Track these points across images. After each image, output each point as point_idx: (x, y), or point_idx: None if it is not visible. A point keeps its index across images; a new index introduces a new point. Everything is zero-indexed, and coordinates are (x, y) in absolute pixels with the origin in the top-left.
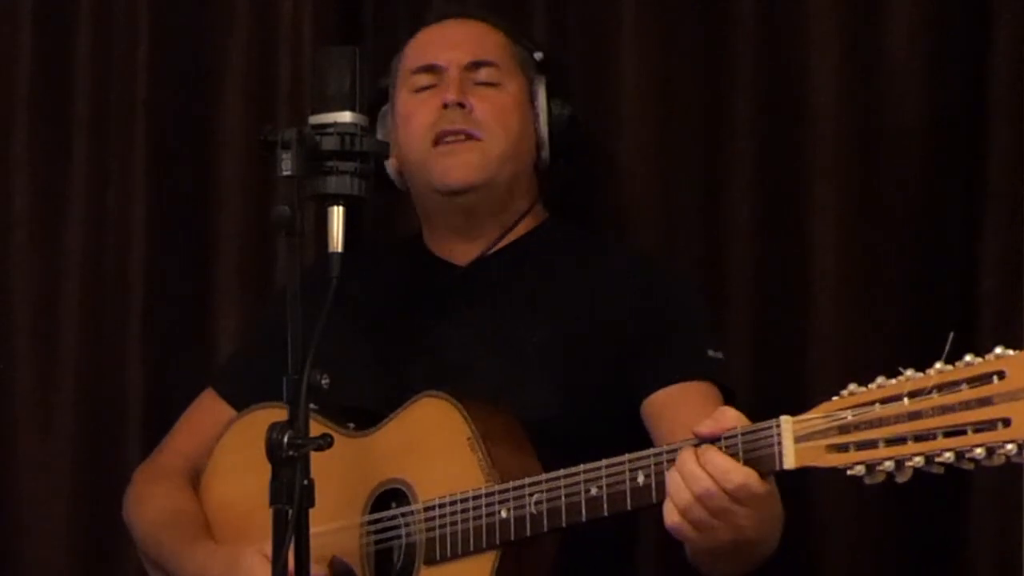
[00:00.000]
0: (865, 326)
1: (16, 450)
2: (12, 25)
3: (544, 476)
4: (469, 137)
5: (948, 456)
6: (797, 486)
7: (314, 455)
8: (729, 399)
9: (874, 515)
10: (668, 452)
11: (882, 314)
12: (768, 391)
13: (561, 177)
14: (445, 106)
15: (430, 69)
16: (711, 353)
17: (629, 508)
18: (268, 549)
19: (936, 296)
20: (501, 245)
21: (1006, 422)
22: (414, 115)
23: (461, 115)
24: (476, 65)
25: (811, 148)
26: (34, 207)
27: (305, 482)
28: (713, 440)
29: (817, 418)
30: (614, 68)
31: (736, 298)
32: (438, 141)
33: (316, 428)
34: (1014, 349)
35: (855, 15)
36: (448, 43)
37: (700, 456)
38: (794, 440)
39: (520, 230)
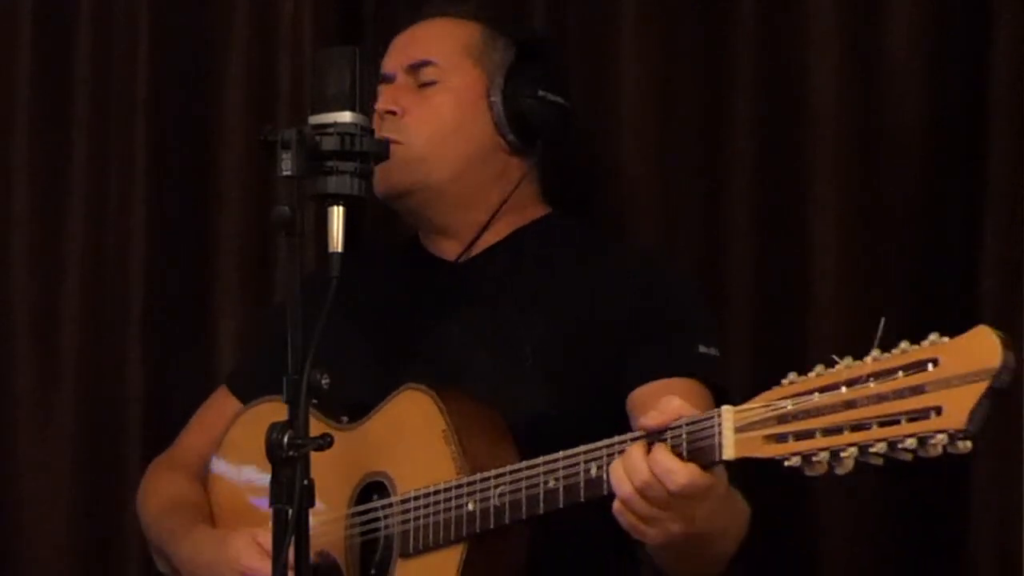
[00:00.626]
0: (865, 326)
1: (16, 450)
2: (12, 25)
3: (508, 468)
4: (394, 144)
5: (881, 447)
6: (794, 478)
7: None
8: (721, 396)
9: (873, 510)
10: (619, 444)
11: (882, 314)
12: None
13: (556, 162)
14: (380, 116)
15: (384, 80)
16: (702, 349)
17: (583, 500)
18: (260, 535)
19: (936, 296)
20: (494, 239)
21: (938, 411)
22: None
23: (389, 123)
24: (415, 67)
25: (811, 148)
26: (34, 207)
27: (305, 482)
28: (659, 432)
29: (757, 407)
30: (614, 68)
31: (736, 298)
32: None
33: (311, 424)
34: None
35: (855, 15)
36: (396, 50)
37: (649, 454)
38: (734, 430)
39: (513, 222)
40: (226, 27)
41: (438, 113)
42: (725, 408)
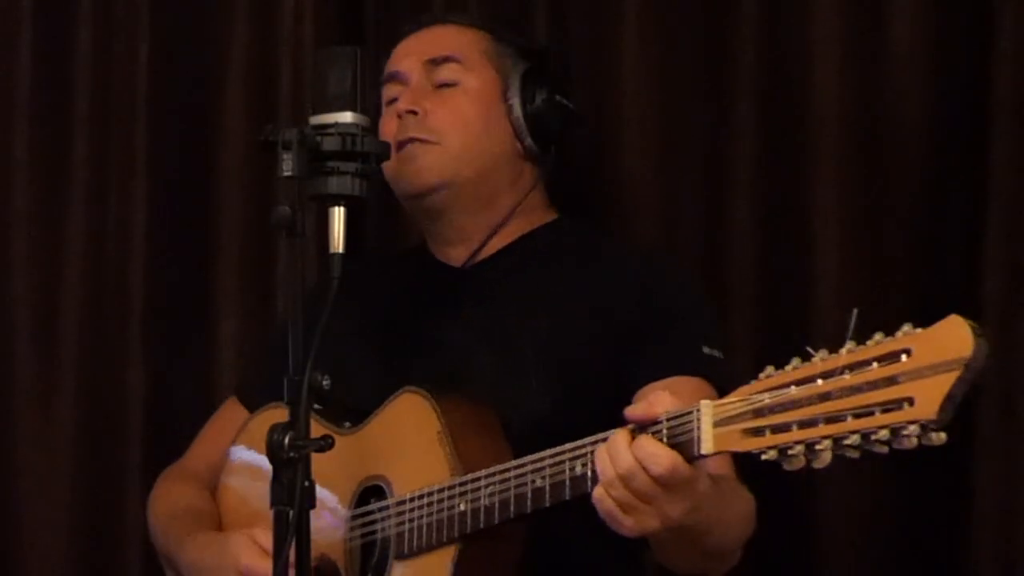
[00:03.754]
0: (867, 328)
1: (16, 450)
2: (12, 24)
3: (497, 468)
4: (424, 143)
5: (855, 439)
6: (796, 476)
7: None
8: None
9: (874, 510)
10: (604, 440)
11: (884, 315)
12: None
13: (561, 167)
14: (399, 116)
15: (394, 78)
16: (706, 350)
17: (568, 498)
18: (258, 535)
19: (938, 297)
20: (501, 244)
21: (910, 401)
22: (382, 129)
23: (414, 123)
24: (435, 62)
25: (813, 148)
26: (34, 207)
27: (306, 483)
28: (643, 424)
29: (735, 402)
30: (615, 68)
31: (737, 297)
32: (399, 151)
33: (313, 428)
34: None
35: (857, 15)
36: (410, 50)
37: (633, 440)
38: (712, 425)
39: (520, 228)
40: (226, 27)
41: (463, 113)
42: (704, 402)
